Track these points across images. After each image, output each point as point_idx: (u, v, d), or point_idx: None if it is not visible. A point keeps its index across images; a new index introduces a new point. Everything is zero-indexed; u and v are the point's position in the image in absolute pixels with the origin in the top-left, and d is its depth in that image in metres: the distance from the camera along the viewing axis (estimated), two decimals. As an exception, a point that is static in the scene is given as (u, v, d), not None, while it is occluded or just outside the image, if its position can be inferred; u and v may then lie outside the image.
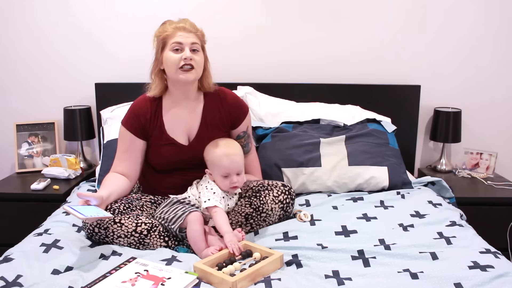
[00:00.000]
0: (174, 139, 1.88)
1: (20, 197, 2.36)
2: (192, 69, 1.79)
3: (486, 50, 2.68)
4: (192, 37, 1.80)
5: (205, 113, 1.92)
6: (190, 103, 1.91)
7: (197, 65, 1.80)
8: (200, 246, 1.62)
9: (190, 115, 1.91)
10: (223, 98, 1.96)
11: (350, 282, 1.39)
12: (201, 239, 1.62)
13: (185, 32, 1.79)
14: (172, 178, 1.88)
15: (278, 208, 1.79)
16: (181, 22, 1.83)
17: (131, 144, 1.88)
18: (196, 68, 1.80)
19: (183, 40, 1.78)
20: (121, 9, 2.67)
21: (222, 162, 1.73)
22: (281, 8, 2.65)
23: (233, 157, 1.74)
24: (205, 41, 1.88)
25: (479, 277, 1.38)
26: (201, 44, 1.84)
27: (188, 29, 1.80)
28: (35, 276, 1.43)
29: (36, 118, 2.79)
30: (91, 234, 1.67)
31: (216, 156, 1.75)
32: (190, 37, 1.80)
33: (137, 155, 1.89)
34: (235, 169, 1.74)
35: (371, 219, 1.82)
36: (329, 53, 2.70)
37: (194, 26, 1.84)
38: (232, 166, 1.73)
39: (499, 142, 2.79)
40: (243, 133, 2.00)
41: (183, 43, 1.78)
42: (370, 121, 2.42)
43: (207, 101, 1.93)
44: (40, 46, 2.73)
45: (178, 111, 1.90)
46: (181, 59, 1.77)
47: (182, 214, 1.66)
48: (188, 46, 1.78)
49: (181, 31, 1.79)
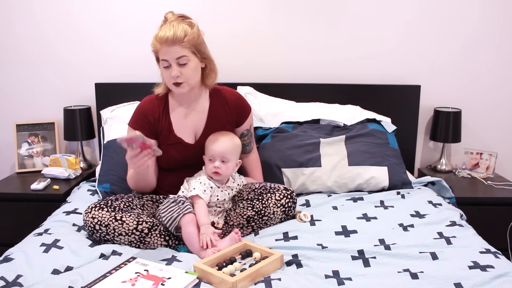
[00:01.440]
0: (181, 138, 1.89)
1: (20, 197, 2.36)
2: (183, 83, 1.79)
3: (487, 50, 2.68)
4: (176, 51, 1.73)
5: (211, 112, 1.93)
6: (196, 103, 1.92)
7: (187, 78, 1.78)
8: (196, 246, 1.63)
9: (196, 114, 1.92)
10: (228, 96, 1.97)
11: (350, 282, 1.39)
12: (196, 240, 1.63)
13: (168, 46, 1.72)
14: (175, 176, 1.89)
15: (280, 211, 1.79)
16: (166, 29, 1.73)
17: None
18: (186, 81, 1.79)
19: (168, 58, 1.75)
20: (121, 10, 2.67)
21: (209, 144, 1.81)
22: (281, 8, 2.65)
23: (221, 142, 1.79)
24: (199, 42, 1.79)
25: (479, 277, 1.38)
26: (192, 50, 1.76)
27: (171, 41, 1.71)
28: (35, 276, 1.43)
29: (36, 118, 2.79)
30: (92, 232, 1.67)
31: (208, 139, 1.83)
32: (173, 51, 1.73)
33: None
34: (219, 153, 1.77)
35: (371, 219, 1.82)
36: (329, 53, 2.70)
37: (179, 34, 1.72)
38: (216, 149, 1.77)
39: (499, 142, 2.79)
40: (247, 131, 2.02)
41: (169, 60, 1.75)
42: (370, 121, 2.42)
43: (212, 99, 1.94)
44: (40, 46, 2.72)
45: (184, 110, 1.91)
46: (170, 77, 1.77)
47: (177, 216, 1.66)
48: (173, 62, 1.75)
49: (164, 45, 1.72)
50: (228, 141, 1.81)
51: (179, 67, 1.76)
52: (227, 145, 1.79)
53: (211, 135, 1.85)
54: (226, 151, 1.78)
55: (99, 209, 1.67)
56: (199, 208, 1.70)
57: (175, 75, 1.75)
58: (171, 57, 1.74)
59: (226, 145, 1.79)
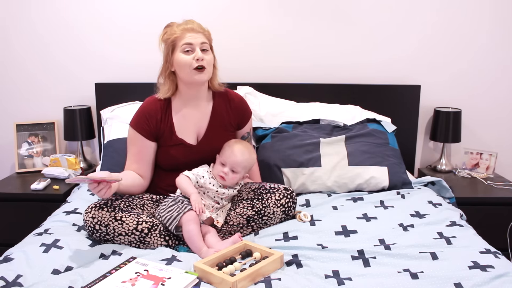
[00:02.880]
0: (183, 139, 1.89)
1: (20, 197, 2.36)
2: (204, 69, 1.81)
3: (487, 50, 2.68)
4: (201, 37, 1.82)
5: (214, 113, 1.94)
6: (200, 103, 1.93)
7: (208, 65, 1.83)
8: (197, 245, 1.63)
9: (199, 115, 1.92)
10: (231, 99, 1.99)
11: (350, 282, 1.40)
12: (198, 238, 1.63)
13: (193, 32, 1.81)
14: (176, 176, 1.88)
15: (280, 211, 1.79)
16: (189, 23, 1.84)
17: (142, 147, 1.88)
18: (208, 67, 1.83)
19: (193, 41, 1.80)
20: (121, 10, 2.67)
21: (227, 149, 1.81)
22: (281, 8, 2.65)
23: (239, 152, 1.79)
24: (212, 39, 1.89)
25: (479, 277, 1.38)
26: (210, 44, 1.86)
27: (196, 29, 1.82)
28: (35, 276, 1.43)
29: (36, 118, 2.79)
30: (91, 232, 1.67)
31: (228, 144, 1.83)
32: (199, 37, 1.81)
33: (149, 157, 1.90)
34: (232, 162, 1.78)
35: (371, 219, 1.82)
36: (329, 53, 2.70)
37: (201, 26, 1.85)
38: (229, 160, 1.78)
39: (499, 142, 2.79)
40: (247, 134, 2.04)
41: (194, 44, 1.80)
42: (370, 121, 2.42)
43: (216, 101, 1.95)
44: (40, 46, 2.72)
45: (188, 111, 1.91)
46: (193, 60, 1.79)
47: (177, 215, 1.67)
48: (198, 46, 1.80)
49: (189, 32, 1.81)
50: (247, 155, 1.81)
51: (202, 52, 1.80)
52: (243, 158, 1.80)
53: (234, 141, 1.86)
54: (240, 163, 1.79)
55: (99, 209, 1.67)
56: (183, 181, 1.74)
57: (201, 57, 1.79)
58: (197, 41, 1.80)
59: (243, 157, 1.80)
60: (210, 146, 1.88)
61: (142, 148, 1.88)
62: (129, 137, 1.91)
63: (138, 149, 1.88)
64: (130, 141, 1.91)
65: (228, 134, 1.95)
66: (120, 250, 1.62)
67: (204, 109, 1.93)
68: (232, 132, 1.98)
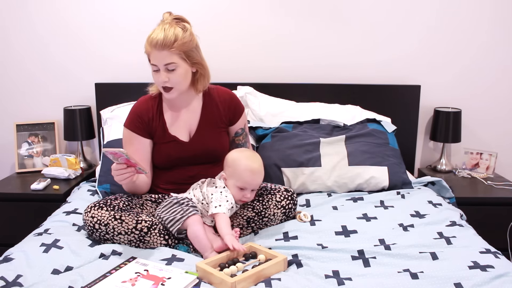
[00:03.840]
0: (175, 136, 1.89)
1: (20, 197, 2.36)
2: (171, 89, 1.78)
3: (486, 50, 2.68)
4: (165, 57, 1.72)
5: (204, 110, 1.93)
6: (189, 102, 1.92)
7: (175, 84, 1.77)
8: (205, 244, 1.61)
9: (189, 113, 1.92)
10: (220, 95, 1.97)
11: (350, 282, 1.39)
12: (203, 238, 1.62)
13: (157, 50, 1.71)
14: (172, 173, 1.89)
15: (280, 213, 1.79)
16: (158, 32, 1.72)
17: (139, 144, 1.88)
18: (175, 86, 1.78)
19: (156, 62, 1.74)
20: (121, 10, 2.67)
21: (244, 175, 1.71)
22: (281, 8, 2.65)
23: (256, 174, 1.73)
24: (190, 47, 1.76)
25: (479, 277, 1.38)
26: (181, 56, 1.74)
27: (160, 45, 1.70)
28: (35, 276, 1.43)
29: (36, 118, 2.79)
30: (91, 231, 1.67)
31: (239, 167, 1.73)
32: (162, 57, 1.72)
33: (147, 155, 1.89)
34: (253, 186, 1.74)
35: (371, 219, 1.82)
36: (329, 53, 2.70)
37: (166, 41, 1.70)
38: (252, 183, 1.73)
39: (499, 142, 2.79)
40: (241, 130, 2.01)
41: (157, 65, 1.75)
42: (370, 121, 2.42)
43: (205, 98, 1.95)
44: (40, 46, 2.72)
45: (178, 109, 1.92)
46: (159, 81, 1.77)
47: (180, 218, 1.66)
48: (162, 67, 1.74)
49: (154, 49, 1.72)
50: (261, 171, 1.76)
51: (167, 72, 1.75)
52: (260, 177, 1.76)
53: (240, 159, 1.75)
54: (259, 182, 1.76)
55: (99, 208, 1.67)
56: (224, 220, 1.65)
57: (163, 81, 1.75)
58: (159, 63, 1.74)
59: (260, 177, 1.75)
60: (202, 143, 1.88)
61: (139, 146, 1.88)
62: (124, 138, 1.91)
63: (136, 148, 1.88)
64: (126, 141, 1.90)
65: (220, 130, 1.94)
66: (120, 249, 1.61)
67: (194, 107, 1.92)
68: (224, 128, 1.96)
